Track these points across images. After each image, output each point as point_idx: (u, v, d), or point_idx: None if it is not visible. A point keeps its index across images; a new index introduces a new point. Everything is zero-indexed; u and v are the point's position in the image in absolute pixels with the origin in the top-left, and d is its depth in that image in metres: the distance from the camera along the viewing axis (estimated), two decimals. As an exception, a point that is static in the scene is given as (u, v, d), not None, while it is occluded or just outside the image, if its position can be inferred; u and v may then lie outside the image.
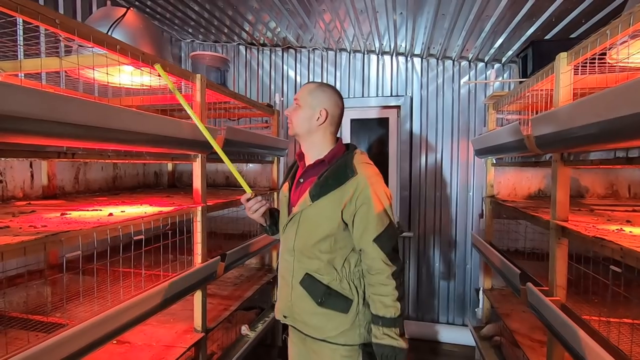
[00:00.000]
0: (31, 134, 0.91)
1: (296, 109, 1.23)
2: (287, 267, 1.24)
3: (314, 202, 1.16)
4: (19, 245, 0.95)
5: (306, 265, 1.20)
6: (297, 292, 1.21)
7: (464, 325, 3.09)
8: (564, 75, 1.41)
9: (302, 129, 1.23)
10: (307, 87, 1.25)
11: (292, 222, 1.22)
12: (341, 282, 1.18)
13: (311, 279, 1.18)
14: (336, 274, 1.18)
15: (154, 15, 2.87)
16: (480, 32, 2.54)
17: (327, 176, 1.16)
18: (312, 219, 1.17)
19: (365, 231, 1.12)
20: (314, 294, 1.18)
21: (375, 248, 1.12)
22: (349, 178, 1.13)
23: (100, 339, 1.17)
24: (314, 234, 1.17)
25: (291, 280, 1.22)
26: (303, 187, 1.23)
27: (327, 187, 1.15)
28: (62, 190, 2.14)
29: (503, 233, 2.53)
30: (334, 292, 1.17)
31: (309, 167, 1.24)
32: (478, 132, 2.99)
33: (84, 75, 1.71)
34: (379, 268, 1.12)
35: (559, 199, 1.46)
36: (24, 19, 1.04)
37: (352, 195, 1.12)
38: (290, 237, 1.23)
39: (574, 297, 1.51)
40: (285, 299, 1.25)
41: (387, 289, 1.12)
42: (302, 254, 1.20)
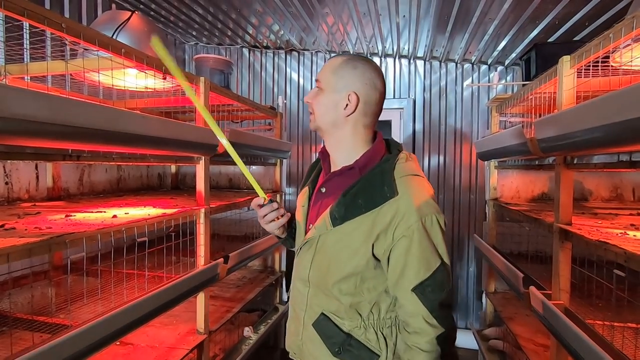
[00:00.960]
0: (38, 136, 0.92)
1: (318, 93, 0.90)
2: (299, 299, 0.97)
3: (335, 227, 0.86)
4: (24, 246, 0.96)
5: (323, 303, 0.91)
6: (309, 332, 0.94)
7: (467, 328, 3.08)
8: (567, 78, 1.40)
9: (325, 121, 0.90)
10: (331, 62, 0.91)
11: (308, 247, 0.93)
12: (366, 331, 0.88)
13: (328, 322, 0.90)
14: (360, 321, 0.88)
15: (158, 18, 2.89)
16: (483, 35, 2.54)
17: (355, 193, 0.85)
18: (332, 250, 0.88)
19: (403, 275, 0.81)
20: (330, 342, 0.90)
21: (415, 300, 0.81)
22: (386, 199, 0.81)
23: (104, 340, 1.17)
24: (334, 270, 0.88)
25: (303, 317, 0.95)
26: (324, 201, 0.92)
27: (355, 209, 0.84)
28: (67, 192, 2.16)
29: (506, 236, 2.52)
30: (356, 342, 0.88)
31: (334, 174, 0.92)
32: (481, 134, 2.99)
33: (89, 78, 1.73)
34: (418, 328, 0.82)
35: (562, 202, 1.46)
36: (31, 23, 1.06)
37: (390, 223, 0.81)
38: (304, 264, 0.94)
39: (578, 301, 1.50)
40: (295, 336, 0.99)
41: (425, 357, 0.81)
42: (318, 289, 0.92)
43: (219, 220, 2.80)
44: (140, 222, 1.39)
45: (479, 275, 3.03)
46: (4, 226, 1.20)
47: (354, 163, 0.89)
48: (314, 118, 0.93)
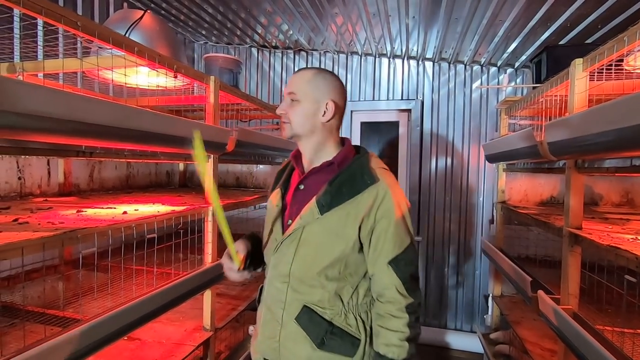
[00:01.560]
0: (54, 133, 0.94)
1: (293, 104, 0.98)
2: (276, 298, 0.99)
3: (323, 214, 0.93)
4: (38, 240, 0.98)
5: (305, 296, 0.95)
6: (289, 330, 0.96)
7: (472, 332, 3.06)
8: (579, 81, 1.39)
9: (304, 129, 0.98)
10: (302, 75, 0.99)
11: (290, 241, 0.97)
12: (347, 317, 0.95)
13: (310, 314, 0.94)
14: (341, 307, 0.95)
15: (169, 17, 2.91)
16: (493, 37, 2.52)
17: (340, 182, 0.94)
18: (318, 238, 0.94)
19: (381, 251, 0.92)
20: (313, 334, 0.93)
21: (390, 272, 0.92)
22: (367, 186, 0.93)
23: (113, 335, 1.19)
24: (321, 257, 0.94)
25: (282, 315, 0.97)
26: (305, 196, 0.98)
27: (340, 196, 0.93)
28: (77, 188, 2.18)
29: (514, 239, 2.50)
30: (338, 329, 0.94)
31: (313, 170, 1.01)
32: (489, 137, 2.97)
33: (101, 75, 1.75)
34: (392, 297, 0.92)
35: (573, 206, 1.45)
36: (47, 22, 1.08)
37: (372, 206, 0.92)
38: (285, 260, 0.97)
39: (587, 306, 1.49)
40: (270, 339, 0.99)
41: (397, 323, 0.92)
42: (300, 282, 0.96)
43: (226, 218, 2.81)
44: (149, 219, 1.41)
45: (485, 278, 3.01)
46: (18, 220, 1.23)
47: (333, 159, 0.99)
48: (289, 127, 0.99)
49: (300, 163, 1.05)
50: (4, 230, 1.06)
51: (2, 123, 0.80)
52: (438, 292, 3.14)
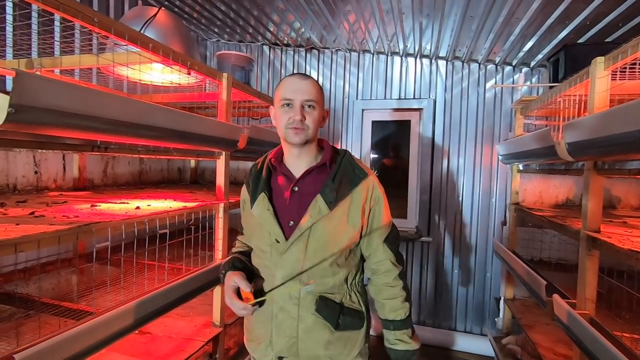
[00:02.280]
0: (73, 128, 0.95)
1: (311, 111, 1.03)
2: (289, 296, 1.02)
3: (331, 209, 1.00)
4: (54, 234, 0.99)
5: (318, 287, 1.02)
6: (307, 323, 1.02)
7: (482, 334, 3.02)
8: (600, 81, 1.35)
9: (314, 134, 1.06)
10: (313, 84, 1.05)
11: (299, 241, 1.00)
12: (350, 297, 1.08)
13: (326, 302, 1.03)
14: (345, 288, 1.07)
15: (182, 15, 2.93)
16: (509, 35, 2.47)
17: (340, 179, 1.04)
18: (327, 230, 1.01)
19: (377, 232, 1.08)
20: (331, 319, 1.02)
21: (385, 249, 1.09)
22: (361, 179, 1.06)
23: (126, 328, 1.20)
24: (332, 248, 1.02)
25: (297, 311, 1.02)
26: (302, 197, 1.03)
27: (342, 192, 1.03)
28: (91, 183, 2.22)
29: (527, 242, 2.46)
30: (347, 309, 1.06)
31: (306, 172, 1.06)
32: (503, 137, 2.92)
33: (116, 72, 1.76)
34: (387, 269, 1.09)
35: (591, 209, 1.41)
36: (65, 17, 1.09)
37: (367, 196, 1.06)
38: (295, 258, 1.01)
39: (604, 311, 1.45)
40: (287, 337, 1.03)
41: (395, 290, 1.09)
42: (314, 276, 1.02)
43: (235, 215, 2.83)
44: (162, 215, 1.42)
45: (496, 280, 2.96)
46: (34, 213, 1.25)
47: (322, 160, 1.07)
48: (305, 133, 1.03)
49: (284, 166, 1.09)
50: (21, 222, 1.07)
51: (23, 118, 0.81)
52: (448, 294, 3.11)
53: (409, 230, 3.10)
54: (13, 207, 1.37)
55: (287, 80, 1.05)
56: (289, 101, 1.02)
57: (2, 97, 0.80)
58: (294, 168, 1.09)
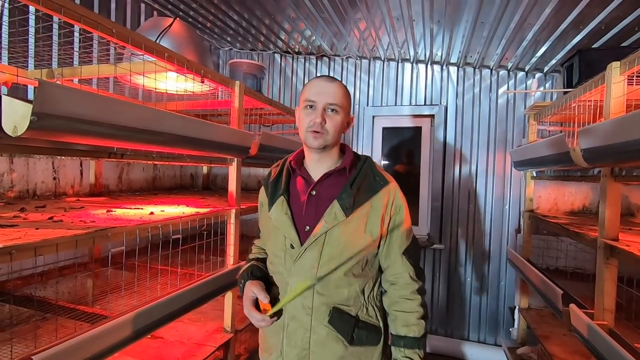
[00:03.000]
0: (91, 134, 0.98)
1: (332, 116, 1.00)
2: (302, 305, 0.98)
3: (348, 216, 0.97)
4: (72, 238, 1.02)
5: (332, 298, 0.98)
6: (319, 335, 0.98)
7: (496, 345, 2.95)
8: (616, 86, 1.33)
9: (335, 139, 1.02)
10: (340, 88, 1.03)
11: (313, 247, 0.97)
12: (367, 310, 1.02)
13: (340, 314, 0.98)
14: (363, 301, 1.01)
15: (196, 25, 3.00)
16: (521, 41, 2.46)
17: (359, 185, 1.00)
18: (343, 238, 0.97)
19: (395, 243, 1.03)
20: (344, 332, 0.97)
21: (404, 261, 1.03)
22: (382, 187, 1.01)
23: (139, 332, 1.22)
24: (347, 256, 0.97)
25: (310, 322, 0.98)
26: (319, 201, 1.00)
27: (360, 198, 0.99)
28: (107, 189, 2.27)
29: (542, 250, 2.40)
30: (363, 323, 1.00)
31: (325, 176, 1.03)
32: (516, 143, 2.88)
33: (133, 80, 1.81)
34: (405, 283, 1.02)
35: (609, 217, 1.37)
36: (85, 29, 1.13)
37: (387, 204, 1.01)
38: (310, 264, 0.97)
39: (623, 322, 1.41)
40: (299, 348, 0.99)
41: (412, 304, 1.01)
42: (327, 285, 0.97)
43: (246, 221, 2.85)
44: (175, 220, 1.44)
45: (510, 289, 2.90)
46: (53, 218, 1.28)
47: (342, 164, 1.04)
48: (324, 137, 1.00)
49: (304, 169, 1.07)
50: (40, 227, 1.10)
51: (45, 125, 0.84)
52: (460, 302, 3.05)
53: (421, 237, 3.07)
54: (33, 212, 1.41)
55: (313, 82, 1.03)
56: (312, 103, 1.00)
57: (25, 105, 0.83)
58: (313, 172, 1.06)
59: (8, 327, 1.33)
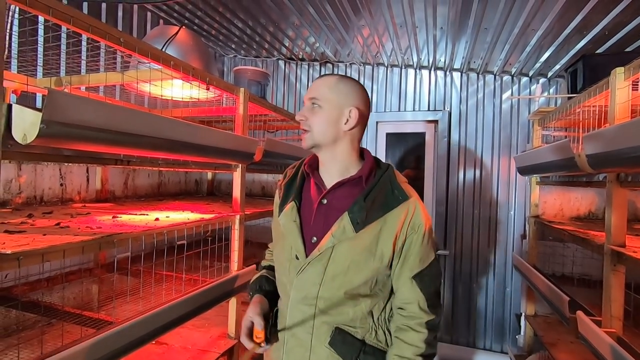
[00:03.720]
0: (98, 142, 0.99)
1: (315, 110, 0.93)
2: (303, 322, 0.91)
3: (358, 232, 0.88)
4: (79, 244, 1.03)
5: (335, 317, 0.90)
6: (319, 356, 0.90)
7: (503, 352, 2.91)
8: (620, 91, 1.33)
9: (326, 137, 0.93)
10: (324, 80, 0.94)
11: (318, 261, 0.89)
12: (377, 334, 0.92)
13: (343, 336, 0.89)
14: (372, 324, 0.92)
15: (201, 32, 3.04)
16: (524, 46, 2.46)
17: (374, 198, 0.90)
18: (351, 256, 0.88)
19: (407, 265, 0.90)
20: (347, 356, 0.88)
21: (413, 287, 0.90)
22: (400, 202, 0.90)
23: (144, 338, 1.22)
24: (353, 276, 0.88)
25: (310, 341, 0.90)
26: (329, 211, 0.92)
27: (374, 213, 0.89)
28: (113, 195, 2.29)
29: (548, 256, 2.38)
30: (370, 348, 0.90)
31: (338, 184, 0.94)
32: (521, 148, 2.87)
33: (139, 88, 1.84)
34: (412, 312, 0.90)
35: (615, 223, 1.36)
36: (93, 38, 1.15)
37: (404, 222, 0.89)
38: (312, 280, 0.90)
39: (631, 330, 1.39)
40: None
41: (414, 337, 0.88)
42: (330, 304, 0.90)
43: (251, 227, 2.85)
44: (180, 226, 1.45)
45: (517, 296, 2.87)
46: (60, 224, 1.30)
47: (359, 173, 0.94)
48: (310, 135, 0.94)
49: (318, 175, 0.99)
50: (48, 233, 1.12)
51: (54, 133, 0.86)
52: (466, 309, 3.02)
53: (425, 243, 3.05)
54: (40, 217, 1.42)
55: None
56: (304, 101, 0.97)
57: (34, 114, 0.84)
58: (326, 178, 0.97)
59: (15, 332, 1.34)
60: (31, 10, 0.95)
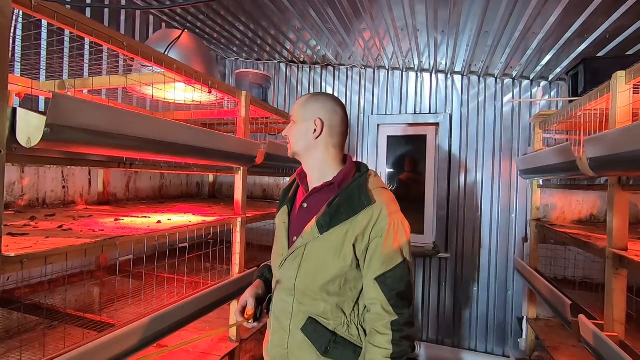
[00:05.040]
0: (102, 145, 1.00)
1: (291, 126, 1.09)
2: (284, 309, 1.05)
3: (322, 234, 0.98)
4: (81, 247, 1.03)
5: (309, 308, 1.02)
6: (296, 339, 1.03)
7: (504, 356, 2.90)
8: (621, 95, 1.33)
9: (299, 146, 1.07)
10: (298, 101, 1.10)
11: (294, 257, 1.03)
12: (349, 328, 1.01)
13: (315, 325, 1.01)
14: (344, 319, 1.01)
15: (203, 35, 3.05)
16: (525, 50, 2.47)
17: (339, 204, 0.99)
18: (319, 255, 1.00)
19: (370, 267, 0.97)
20: (318, 343, 1.00)
21: (376, 288, 0.96)
22: (364, 207, 0.97)
23: (145, 341, 1.22)
24: (321, 274, 0.99)
25: (289, 325, 1.03)
26: (307, 215, 1.04)
27: (338, 217, 0.98)
28: (115, 197, 2.29)
29: (550, 259, 2.38)
30: (341, 339, 1.00)
31: (315, 190, 1.06)
32: (522, 151, 2.87)
33: (141, 91, 1.85)
34: (376, 313, 0.97)
35: (617, 226, 1.36)
36: (97, 42, 1.16)
37: (366, 227, 0.96)
38: (290, 275, 1.03)
39: (634, 334, 1.39)
40: (280, 346, 1.05)
41: (380, 339, 0.94)
42: (304, 295, 1.02)
43: (252, 230, 2.86)
44: (182, 229, 1.45)
45: (518, 299, 2.86)
46: (62, 227, 1.30)
47: (333, 179, 1.04)
48: (290, 146, 1.10)
49: (305, 181, 1.11)
50: (50, 236, 1.12)
51: (58, 137, 0.86)
52: (467, 312, 3.02)
53: (426, 246, 3.05)
54: (43, 220, 1.43)
55: None
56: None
57: (39, 117, 0.85)
58: (312, 184, 1.09)
59: (17, 334, 1.34)
60: (36, 15, 0.96)
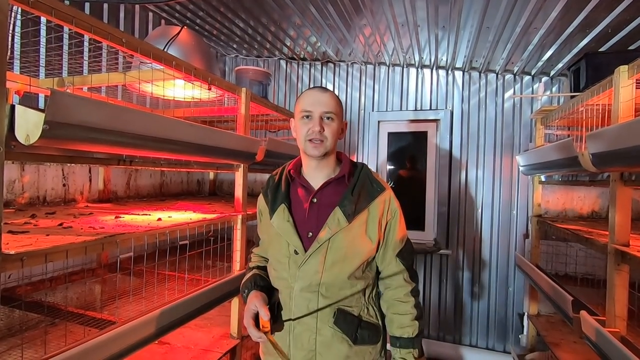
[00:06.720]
0: (101, 142, 0.99)
1: (329, 123, 1.05)
2: (307, 307, 1.02)
3: (350, 222, 1.01)
4: (82, 244, 1.03)
5: (335, 300, 1.02)
6: (325, 336, 1.01)
7: (505, 352, 2.91)
8: (624, 90, 1.32)
9: (333, 146, 1.07)
10: (333, 96, 1.08)
11: (318, 252, 1.01)
12: (368, 310, 1.07)
13: (344, 315, 1.02)
14: (364, 301, 1.07)
15: (202, 32, 3.04)
16: (527, 45, 2.45)
17: (359, 192, 1.05)
18: (346, 243, 1.01)
19: (390, 246, 1.08)
20: (349, 332, 1.02)
21: (398, 263, 1.08)
22: (379, 193, 1.07)
23: (147, 338, 1.22)
24: (351, 261, 1.02)
25: (316, 324, 1.01)
26: (321, 209, 1.04)
27: (361, 204, 1.04)
28: (115, 195, 2.29)
29: (551, 255, 2.38)
30: (365, 323, 1.05)
31: (325, 184, 1.08)
32: (523, 147, 2.86)
33: (141, 88, 1.84)
34: (399, 284, 1.08)
35: (619, 222, 1.36)
36: (95, 38, 1.15)
37: (384, 210, 1.06)
38: (314, 269, 1.01)
39: (635, 329, 1.38)
40: (305, 350, 1.02)
41: (406, 307, 1.06)
42: (331, 288, 1.01)
43: (253, 227, 2.85)
44: (182, 226, 1.45)
45: (519, 295, 2.86)
46: (62, 224, 1.30)
47: (341, 172, 1.09)
48: (324, 145, 1.05)
49: (303, 178, 1.11)
50: (51, 233, 1.12)
51: (57, 134, 0.86)
52: (468, 308, 3.02)
53: (427, 242, 3.04)
54: (43, 218, 1.43)
55: (307, 93, 1.08)
56: (309, 113, 1.05)
57: (37, 114, 0.84)
58: (312, 180, 1.10)
59: (18, 332, 1.34)
60: (34, 11, 0.95)
